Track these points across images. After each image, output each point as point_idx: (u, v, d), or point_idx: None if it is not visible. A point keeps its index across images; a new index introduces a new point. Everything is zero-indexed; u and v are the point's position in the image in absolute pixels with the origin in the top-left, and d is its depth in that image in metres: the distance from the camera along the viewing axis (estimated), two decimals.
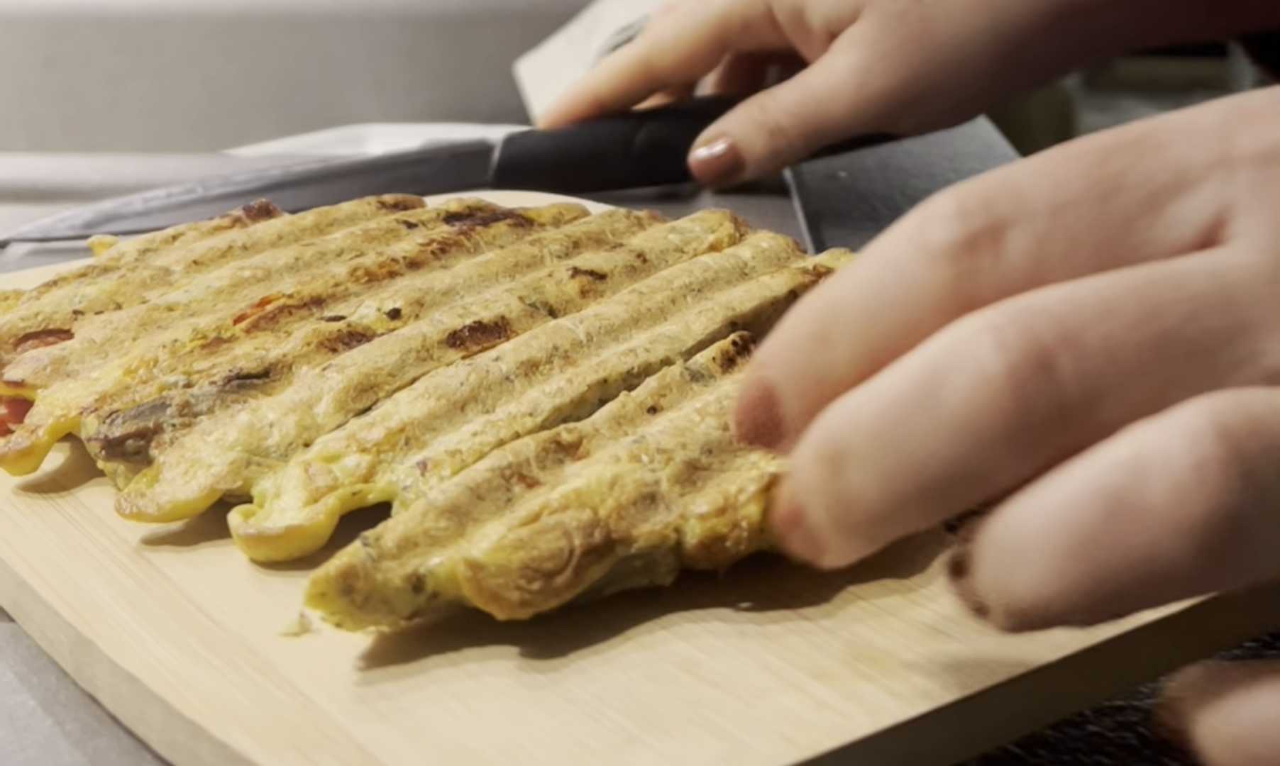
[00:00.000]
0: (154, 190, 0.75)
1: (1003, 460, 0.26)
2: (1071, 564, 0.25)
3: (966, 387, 0.26)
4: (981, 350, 0.26)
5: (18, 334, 0.49)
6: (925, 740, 0.32)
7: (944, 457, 0.26)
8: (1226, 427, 0.24)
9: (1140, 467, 0.25)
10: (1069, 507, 0.25)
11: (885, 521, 0.28)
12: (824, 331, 0.28)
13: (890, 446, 0.27)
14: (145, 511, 0.40)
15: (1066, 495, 0.25)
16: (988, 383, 0.26)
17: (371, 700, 0.33)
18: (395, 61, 1.43)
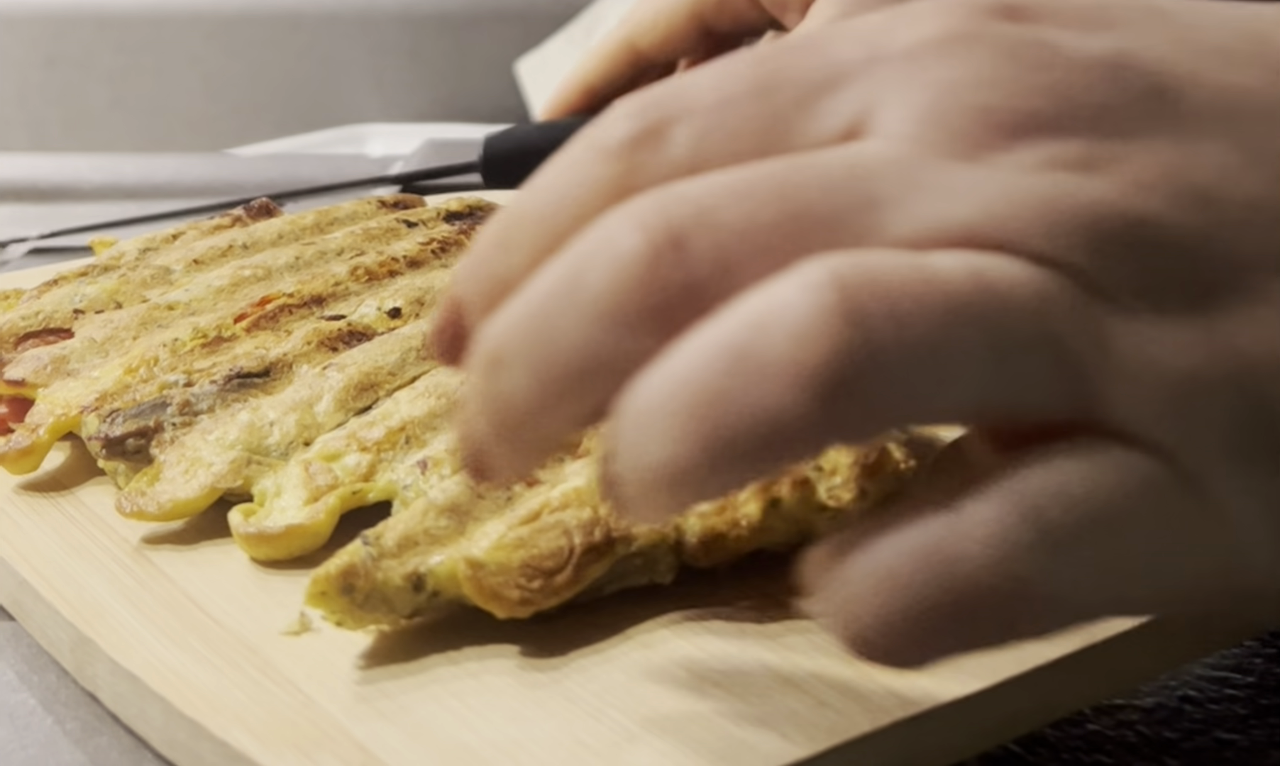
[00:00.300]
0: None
1: (643, 341, 0.26)
2: (695, 423, 0.25)
3: (605, 272, 0.26)
4: (619, 234, 0.26)
5: (18, 333, 0.49)
6: (925, 739, 0.32)
7: (587, 343, 0.26)
8: (844, 279, 0.24)
9: (761, 321, 0.25)
10: (692, 367, 0.25)
11: (541, 419, 0.27)
12: (505, 238, 0.28)
13: (539, 340, 0.26)
14: (146, 510, 0.40)
15: (690, 355, 0.25)
16: (623, 265, 0.26)
17: (372, 699, 0.33)
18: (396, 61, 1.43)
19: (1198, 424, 0.25)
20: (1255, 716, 0.37)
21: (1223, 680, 0.38)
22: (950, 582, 0.25)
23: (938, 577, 0.25)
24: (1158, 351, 0.25)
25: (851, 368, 0.24)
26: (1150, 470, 0.25)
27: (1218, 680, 0.38)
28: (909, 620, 0.25)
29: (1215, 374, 0.26)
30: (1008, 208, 0.25)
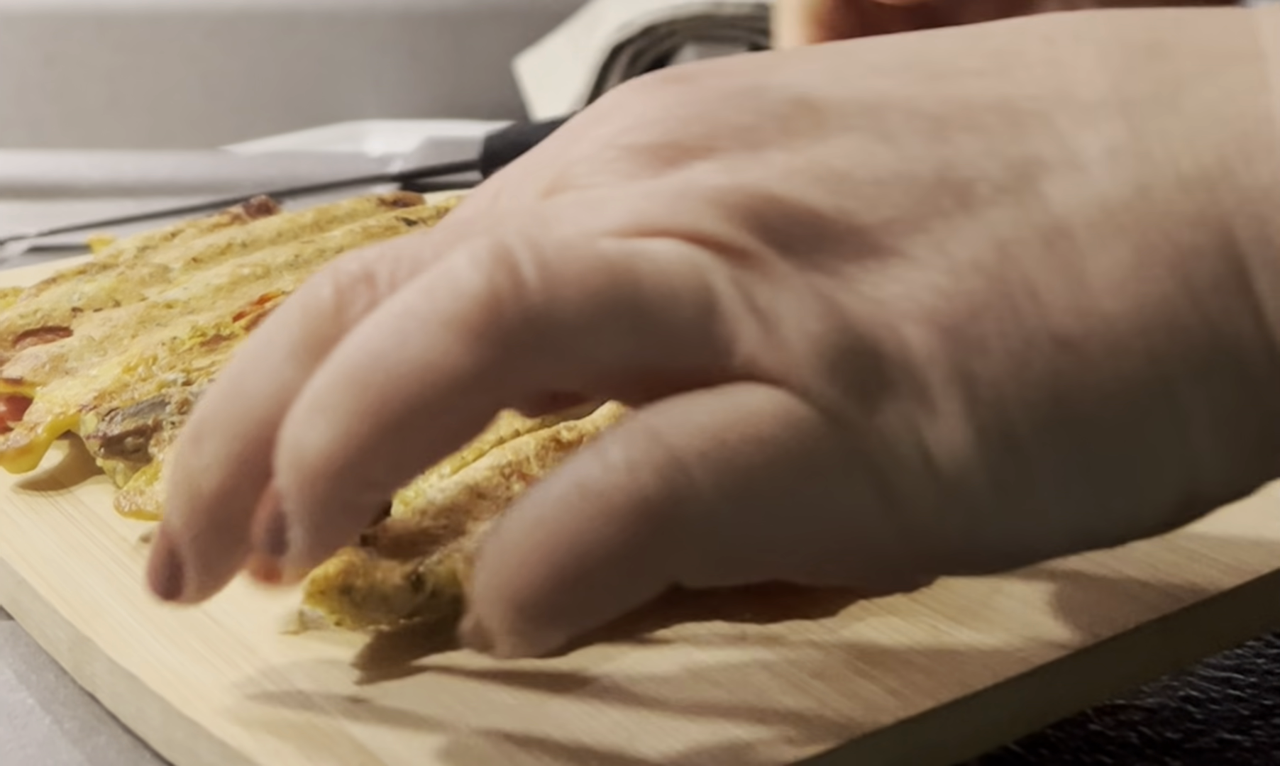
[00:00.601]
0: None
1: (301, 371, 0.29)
2: (356, 397, 0.27)
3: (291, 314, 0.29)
4: (317, 285, 0.29)
5: (16, 331, 0.49)
6: (926, 739, 0.32)
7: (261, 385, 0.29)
8: (505, 245, 0.27)
9: (429, 285, 0.27)
10: (359, 334, 0.27)
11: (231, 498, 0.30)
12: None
13: (226, 403, 0.30)
14: (144, 509, 0.40)
15: (362, 327, 0.27)
16: (310, 303, 0.29)
17: (370, 699, 0.33)
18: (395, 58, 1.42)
19: (840, 371, 0.27)
20: (1258, 717, 0.37)
21: (1225, 680, 0.38)
22: (587, 512, 0.27)
23: (576, 511, 0.27)
24: (799, 305, 0.28)
25: (502, 318, 0.27)
26: (790, 408, 0.27)
27: (1220, 680, 0.38)
28: (555, 566, 0.27)
29: (842, 318, 0.28)
30: (650, 202, 0.28)
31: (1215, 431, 0.28)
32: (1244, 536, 0.38)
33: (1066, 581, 0.36)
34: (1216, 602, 0.36)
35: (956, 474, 0.28)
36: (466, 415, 0.27)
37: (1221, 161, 0.28)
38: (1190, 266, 0.28)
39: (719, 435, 0.27)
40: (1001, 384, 0.27)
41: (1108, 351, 0.28)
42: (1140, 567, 0.37)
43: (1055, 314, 0.28)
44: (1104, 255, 0.28)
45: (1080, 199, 0.28)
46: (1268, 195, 0.27)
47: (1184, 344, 0.28)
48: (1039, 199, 0.28)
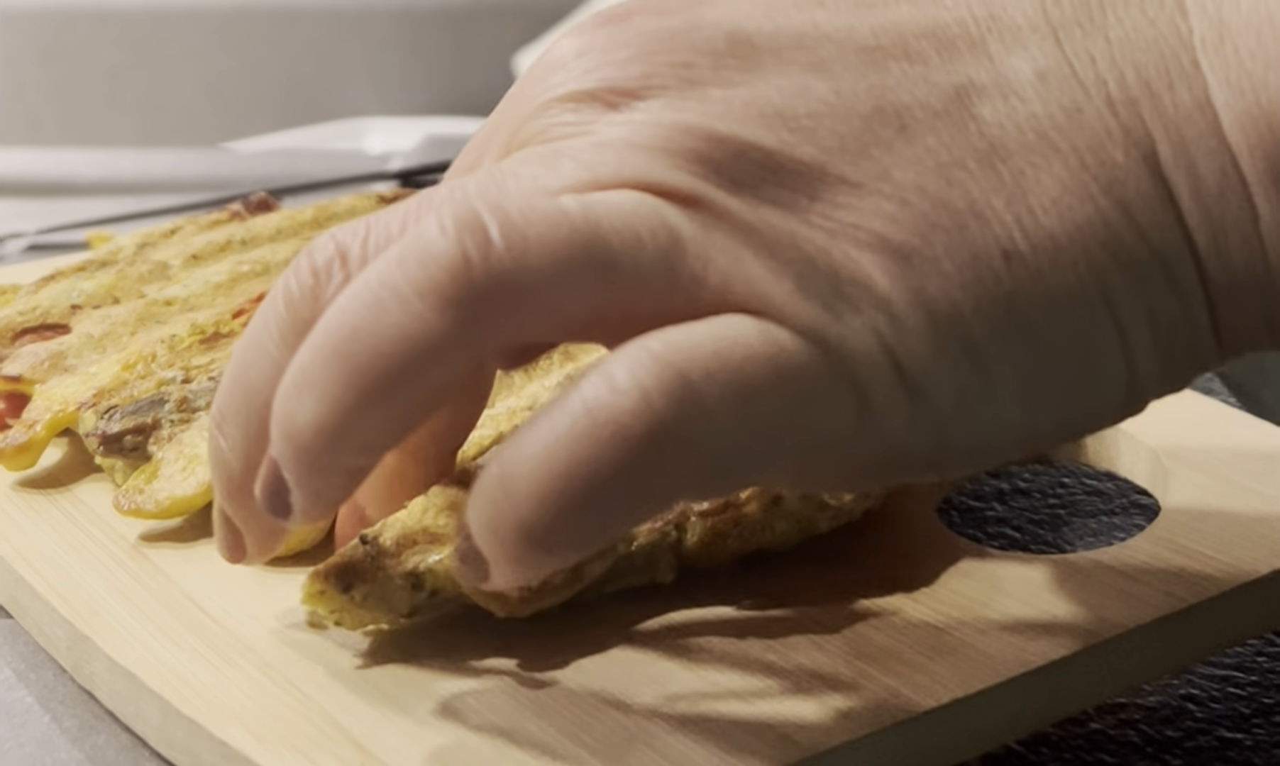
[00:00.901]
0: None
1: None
2: (337, 368, 0.29)
3: (275, 306, 0.32)
4: (299, 268, 0.32)
5: (15, 328, 0.49)
6: (927, 739, 0.32)
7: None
8: (471, 207, 0.28)
9: (401, 255, 0.28)
10: (337, 306, 0.29)
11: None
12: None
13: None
14: (143, 507, 0.40)
15: (339, 300, 0.29)
16: (284, 297, 0.32)
17: (370, 698, 0.33)
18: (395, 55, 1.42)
19: (811, 296, 0.28)
20: (1258, 715, 0.37)
21: (1225, 679, 0.38)
22: (599, 436, 0.27)
23: (587, 435, 0.27)
24: (747, 237, 0.29)
25: (473, 281, 0.28)
26: (773, 333, 0.28)
27: (1220, 679, 0.38)
28: (566, 491, 0.27)
29: (799, 246, 0.29)
30: (601, 154, 0.29)
31: (1153, 336, 0.30)
32: (1243, 537, 0.38)
33: (1067, 582, 0.36)
34: (1216, 603, 0.36)
35: (924, 384, 0.29)
36: (446, 374, 0.29)
37: (1145, 84, 0.30)
38: (1121, 184, 0.29)
39: (721, 356, 0.28)
40: (957, 299, 0.29)
41: (1052, 264, 0.29)
42: (1140, 568, 0.36)
43: (1000, 229, 0.29)
44: (1041, 174, 0.29)
45: (1014, 121, 0.29)
46: (1189, 118, 0.29)
47: (1119, 256, 0.29)
48: (975, 121, 0.30)
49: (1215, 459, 0.41)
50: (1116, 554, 0.37)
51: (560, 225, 0.28)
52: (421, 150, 0.90)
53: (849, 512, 0.37)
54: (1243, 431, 0.43)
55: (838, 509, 0.37)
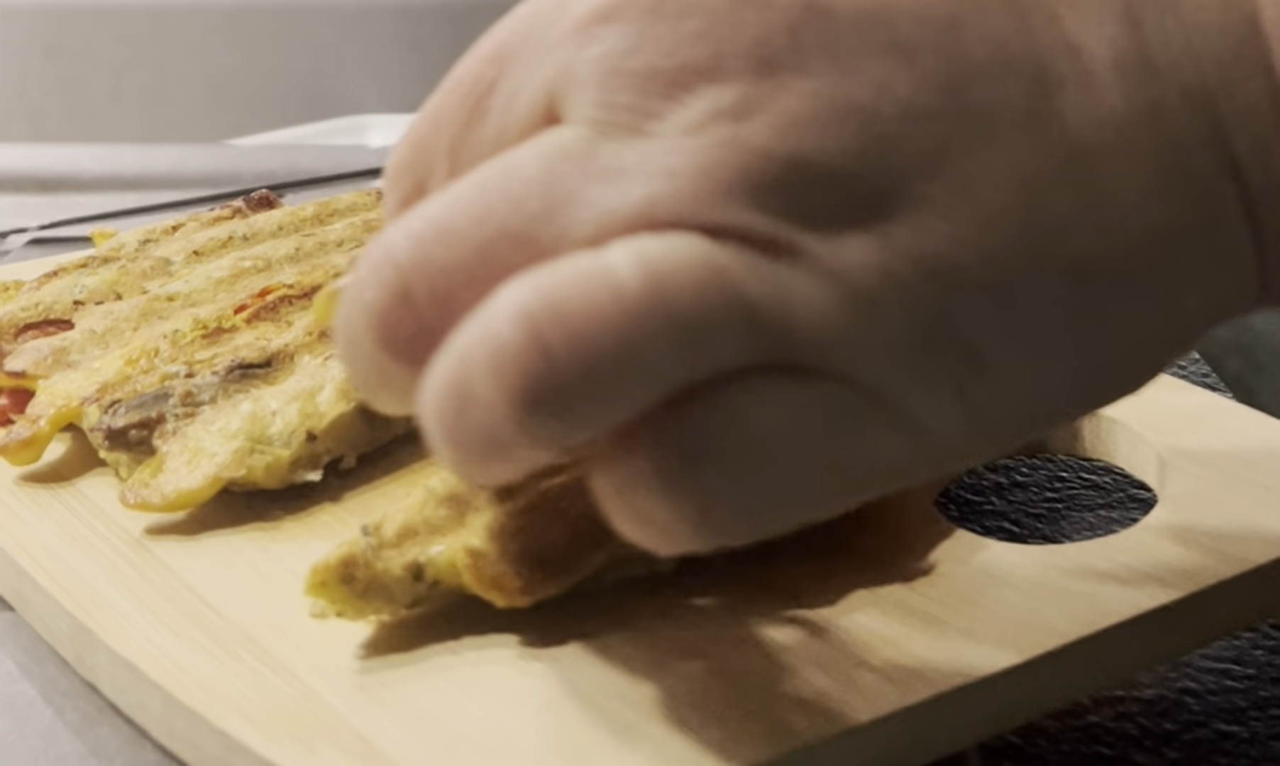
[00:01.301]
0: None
1: (403, 368, 0.29)
2: (444, 434, 0.28)
3: (361, 320, 0.29)
4: (355, 294, 0.29)
5: (18, 324, 0.49)
6: (924, 728, 0.32)
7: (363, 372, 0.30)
8: (528, 312, 0.26)
9: (465, 357, 0.27)
10: (429, 399, 0.27)
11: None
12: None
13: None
14: (149, 501, 0.40)
15: (426, 391, 0.28)
16: (370, 318, 0.29)
17: (372, 688, 0.33)
18: (396, 52, 1.42)
19: (874, 344, 0.27)
20: (1255, 708, 0.37)
21: (1223, 672, 0.38)
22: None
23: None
24: (830, 284, 0.27)
25: (543, 393, 0.26)
26: (827, 393, 0.27)
27: (1218, 672, 0.38)
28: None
29: (887, 291, 0.27)
30: (672, 185, 0.27)
31: (1209, 324, 0.30)
32: (1241, 526, 0.38)
33: (1064, 572, 0.36)
34: (1214, 593, 0.36)
35: (993, 422, 0.28)
36: (527, 463, 0.28)
37: (1220, 73, 0.28)
38: (1201, 192, 0.28)
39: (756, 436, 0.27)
40: (1032, 329, 0.28)
41: (1125, 277, 0.28)
42: (1137, 557, 0.37)
43: (1078, 248, 0.28)
44: (1122, 180, 0.28)
45: (1095, 119, 0.28)
46: (1263, 115, 0.28)
47: (1195, 263, 0.28)
48: (1057, 120, 0.28)
49: (1212, 450, 0.41)
50: (1114, 544, 0.37)
51: (621, 318, 0.26)
52: None
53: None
54: (1240, 423, 0.43)
55: None
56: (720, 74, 0.27)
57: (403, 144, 0.31)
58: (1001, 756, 0.35)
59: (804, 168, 0.27)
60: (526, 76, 0.29)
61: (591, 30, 0.28)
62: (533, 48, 0.29)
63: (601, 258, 0.26)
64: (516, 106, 0.29)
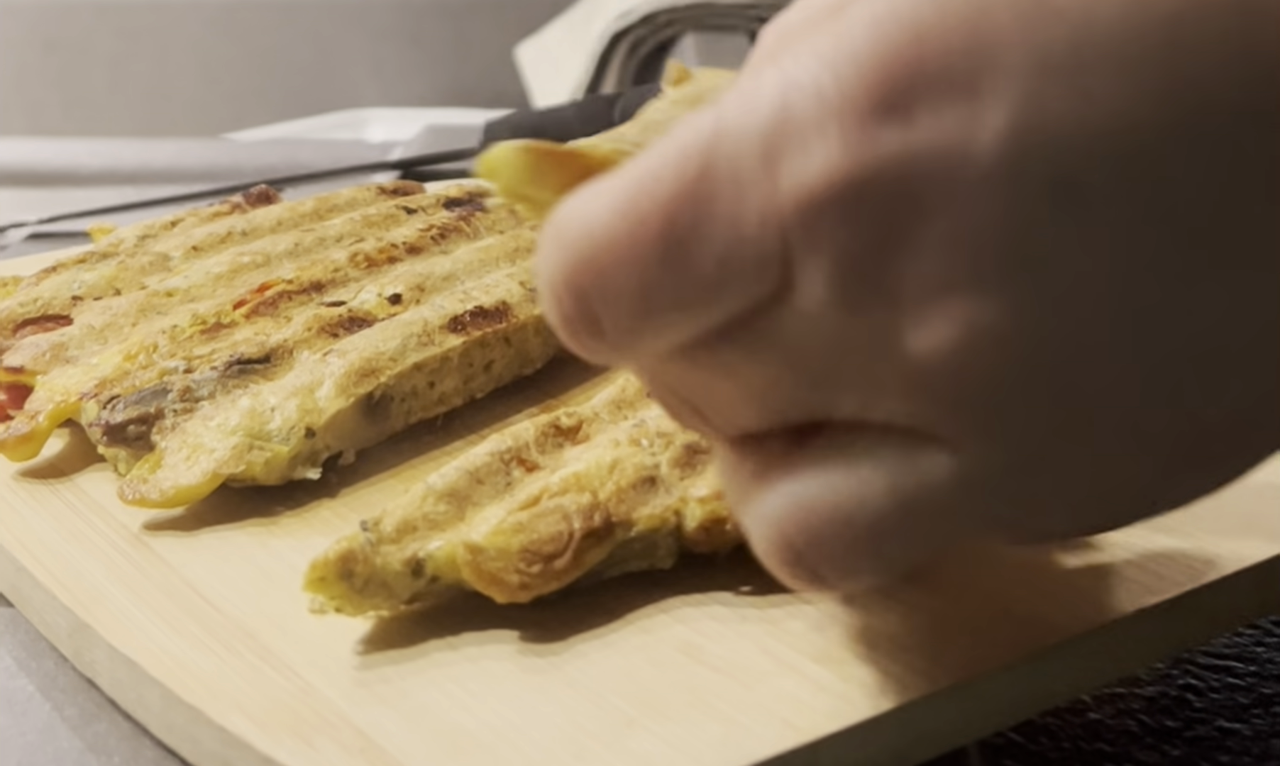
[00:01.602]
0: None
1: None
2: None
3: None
4: (645, 383, 0.30)
5: (17, 320, 0.49)
6: (925, 724, 0.32)
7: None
8: (785, 535, 0.28)
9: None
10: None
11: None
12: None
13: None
14: (148, 497, 0.40)
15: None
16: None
17: (371, 684, 0.33)
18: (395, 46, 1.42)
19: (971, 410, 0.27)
20: (1257, 705, 0.37)
21: (1225, 669, 0.38)
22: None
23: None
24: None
25: (811, 577, 0.29)
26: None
27: (1220, 669, 0.38)
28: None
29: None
30: (926, 404, 0.27)
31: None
32: (1242, 521, 0.38)
33: (1066, 568, 0.36)
34: (1214, 588, 0.36)
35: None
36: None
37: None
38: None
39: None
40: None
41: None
42: (1138, 552, 0.37)
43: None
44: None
45: None
46: None
47: None
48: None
49: None
50: (1115, 540, 0.37)
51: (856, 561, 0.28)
52: (422, 140, 0.90)
53: None
54: None
55: None
56: (977, 287, 0.26)
57: (573, 260, 0.28)
58: (1003, 753, 0.35)
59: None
60: (745, 240, 0.27)
61: (825, 216, 0.26)
62: (748, 209, 0.27)
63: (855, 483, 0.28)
64: (740, 272, 0.27)
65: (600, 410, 0.40)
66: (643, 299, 0.27)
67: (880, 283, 0.26)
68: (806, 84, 0.26)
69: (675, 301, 0.27)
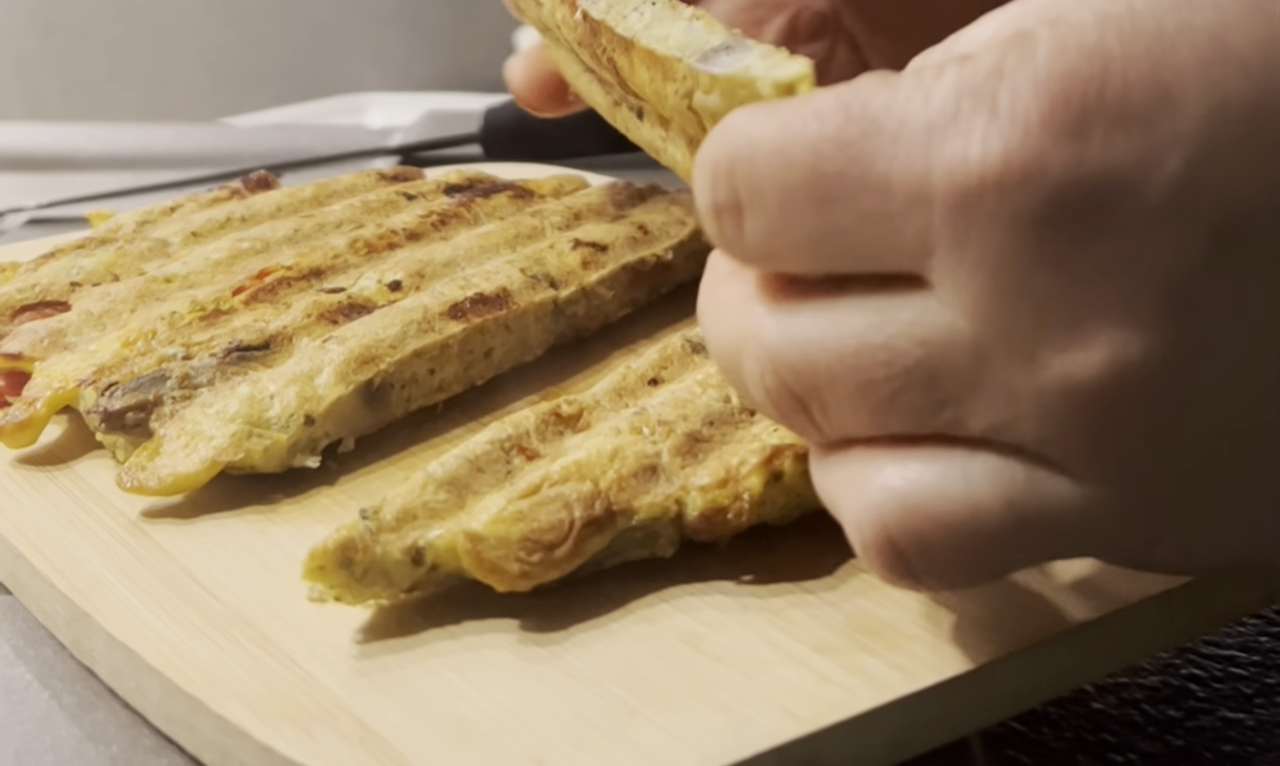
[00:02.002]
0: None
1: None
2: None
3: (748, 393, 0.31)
4: (754, 383, 0.30)
5: (14, 306, 0.49)
6: (928, 713, 0.32)
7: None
8: (889, 534, 0.29)
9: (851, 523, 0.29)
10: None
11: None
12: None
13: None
14: (146, 485, 0.40)
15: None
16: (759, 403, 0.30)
17: (370, 673, 0.33)
18: (394, 31, 1.42)
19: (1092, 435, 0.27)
20: (1260, 695, 0.37)
21: (1228, 659, 0.38)
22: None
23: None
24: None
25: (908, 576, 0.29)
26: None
27: (1223, 659, 0.38)
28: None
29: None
30: (1059, 430, 0.27)
31: None
32: None
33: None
34: (1218, 577, 0.35)
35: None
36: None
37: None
38: None
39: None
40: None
41: None
42: None
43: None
44: None
45: None
46: None
47: None
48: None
49: None
50: None
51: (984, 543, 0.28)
52: (421, 125, 0.90)
53: None
54: None
55: None
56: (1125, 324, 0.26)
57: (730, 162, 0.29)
58: (1005, 743, 0.35)
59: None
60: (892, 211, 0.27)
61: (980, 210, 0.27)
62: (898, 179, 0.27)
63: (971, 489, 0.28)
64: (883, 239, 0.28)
65: (601, 398, 0.40)
66: (782, 212, 0.28)
67: (1028, 294, 0.26)
68: (983, 89, 0.26)
69: (811, 232, 0.28)
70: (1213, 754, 0.35)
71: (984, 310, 0.27)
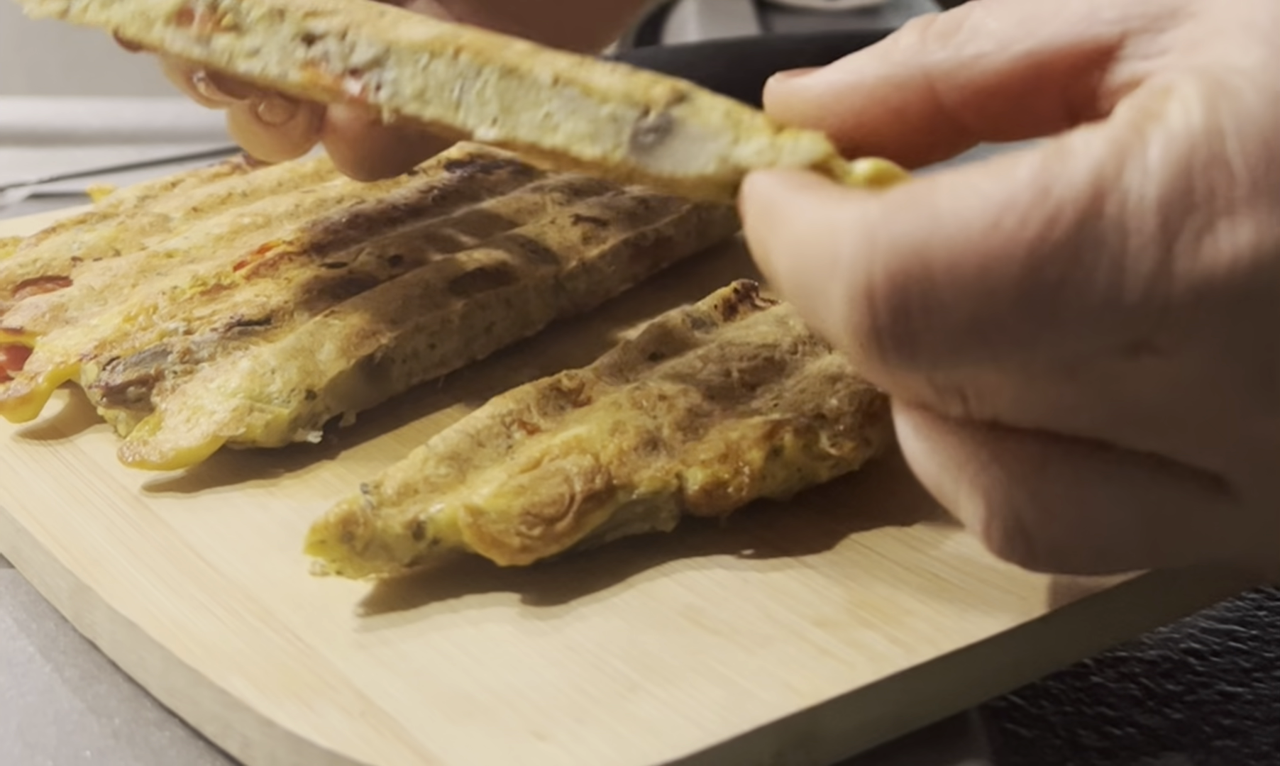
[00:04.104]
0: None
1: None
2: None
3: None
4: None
5: (16, 281, 0.49)
6: (928, 688, 0.32)
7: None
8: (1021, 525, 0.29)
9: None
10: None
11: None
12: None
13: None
14: (148, 459, 0.40)
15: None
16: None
17: (371, 647, 0.33)
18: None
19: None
20: (1259, 669, 0.37)
21: (1227, 633, 0.38)
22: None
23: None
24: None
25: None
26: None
27: (1222, 633, 0.38)
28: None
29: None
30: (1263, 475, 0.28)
31: None
32: None
33: None
34: None
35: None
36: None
37: None
38: None
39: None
40: None
41: None
42: None
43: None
44: None
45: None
46: None
47: None
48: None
49: None
50: None
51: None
52: None
53: (849, 462, 0.37)
54: None
55: (839, 458, 0.37)
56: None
57: (908, 272, 0.26)
58: (1005, 717, 0.35)
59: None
60: (1122, 309, 0.26)
61: (1218, 311, 0.26)
62: (1131, 282, 0.26)
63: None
64: (1108, 333, 0.26)
65: (602, 372, 0.40)
66: (975, 331, 0.26)
67: (1264, 371, 0.26)
68: (1203, 151, 0.25)
69: (1016, 339, 0.26)
70: (1211, 727, 0.35)
71: (1210, 379, 0.26)
